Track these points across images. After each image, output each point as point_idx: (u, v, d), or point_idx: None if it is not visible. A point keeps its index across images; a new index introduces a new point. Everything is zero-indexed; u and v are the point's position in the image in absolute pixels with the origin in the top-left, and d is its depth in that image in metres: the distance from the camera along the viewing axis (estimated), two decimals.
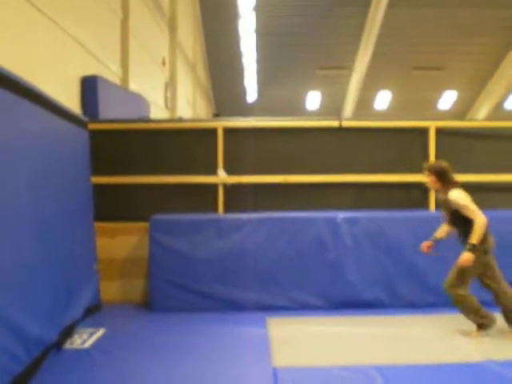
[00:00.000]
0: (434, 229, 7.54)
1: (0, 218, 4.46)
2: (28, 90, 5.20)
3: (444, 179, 6.11)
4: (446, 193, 6.09)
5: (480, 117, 30.37)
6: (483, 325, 6.04)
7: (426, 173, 6.24)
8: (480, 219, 5.84)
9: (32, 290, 5.04)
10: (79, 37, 10.06)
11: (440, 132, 8.29)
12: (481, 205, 7.09)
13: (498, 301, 6.11)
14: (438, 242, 6.42)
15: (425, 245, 6.47)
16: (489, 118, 28.68)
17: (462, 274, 5.96)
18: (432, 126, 8.27)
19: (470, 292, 6.06)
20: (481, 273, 6.05)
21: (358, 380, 4.76)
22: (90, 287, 7.17)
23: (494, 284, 6.07)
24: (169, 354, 5.56)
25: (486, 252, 5.97)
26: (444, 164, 6.20)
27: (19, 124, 5.01)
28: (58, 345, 5.60)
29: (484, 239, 5.91)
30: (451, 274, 6.07)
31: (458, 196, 5.97)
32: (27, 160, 5.12)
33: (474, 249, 5.79)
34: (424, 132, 8.29)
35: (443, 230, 6.46)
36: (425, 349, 5.65)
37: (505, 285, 6.08)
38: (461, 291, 5.98)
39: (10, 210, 4.68)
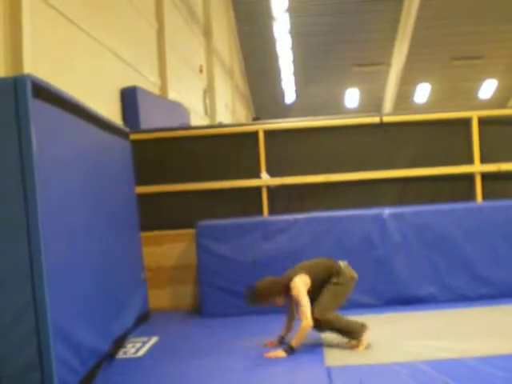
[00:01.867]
0: (482, 220, 7.48)
1: (53, 230, 4.54)
2: (73, 105, 5.29)
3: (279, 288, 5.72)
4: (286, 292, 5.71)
5: None
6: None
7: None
8: (307, 322, 5.48)
9: (83, 301, 5.10)
10: (117, 49, 10.18)
11: (482, 121, 8.16)
12: None
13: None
14: (283, 340, 5.87)
15: (270, 342, 5.89)
16: None
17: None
18: (474, 115, 8.15)
19: None
20: None
21: (413, 376, 4.70)
22: (139, 296, 7.24)
23: None
24: (222, 359, 5.57)
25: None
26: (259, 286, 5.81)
27: (67, 138, 5.10)
28: (110, 355, 5.66)
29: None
30: None
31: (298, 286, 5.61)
32: (74, 174, 5.21)
33: (290, 352, 5.43)
34: (466, 122, 8.18)
35: (287, 326, 6.01)
36: (486, 342, 5.56)
37: None
38: None
39: (61, 222, 4.76)
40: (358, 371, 4.94)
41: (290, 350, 5.46)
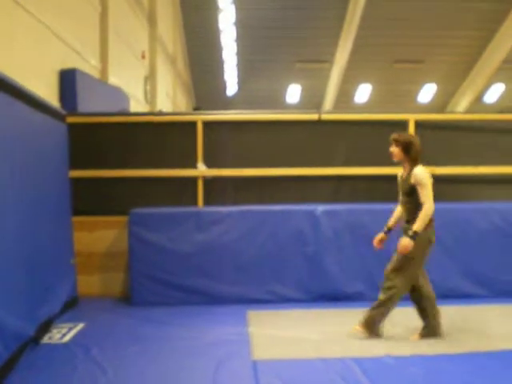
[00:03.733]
0: None
1: None
2: (3, 82, 5.13)
3: (410, 153, 5.74)
4: (409, 168, 5.74)
5: (460, 110, 30.56)
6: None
7: (393, 143, 5.85)
8: (429, 205, 5.48)
9: (8, 284, 4.99)
10: (57, 30, 9.99)
11: (419, 125, 8.31)
12: (460, 197, 7.15)
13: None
14: (390, 232, 6.09)
15: (377, 239, 6.09)
16: (468, 111, 28.77)
17: (406, 264, 5.66)
18: (411, 118, 8.29)
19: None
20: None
21: (336, 371, 4.76)
22: (68, 281, 7.13)
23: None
24: (148, 348, 5.54)
25: (430, 242, 5.67)
26: (413, 138, 5.83)
27: None
28: (35, 340, 5.56)
29: (427, 228, 5.58)
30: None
31: (422, 172, 5.60)
32: (2, 154, 5.06)
33: (415, 236, 5.44)
34: (403, 125, 8.29)
35: (395, 216, 6.12)
36: (411, 341, 5.67)
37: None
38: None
39: None
40: (284, 366, 4.98)
41: (415, 235, 5.44)
